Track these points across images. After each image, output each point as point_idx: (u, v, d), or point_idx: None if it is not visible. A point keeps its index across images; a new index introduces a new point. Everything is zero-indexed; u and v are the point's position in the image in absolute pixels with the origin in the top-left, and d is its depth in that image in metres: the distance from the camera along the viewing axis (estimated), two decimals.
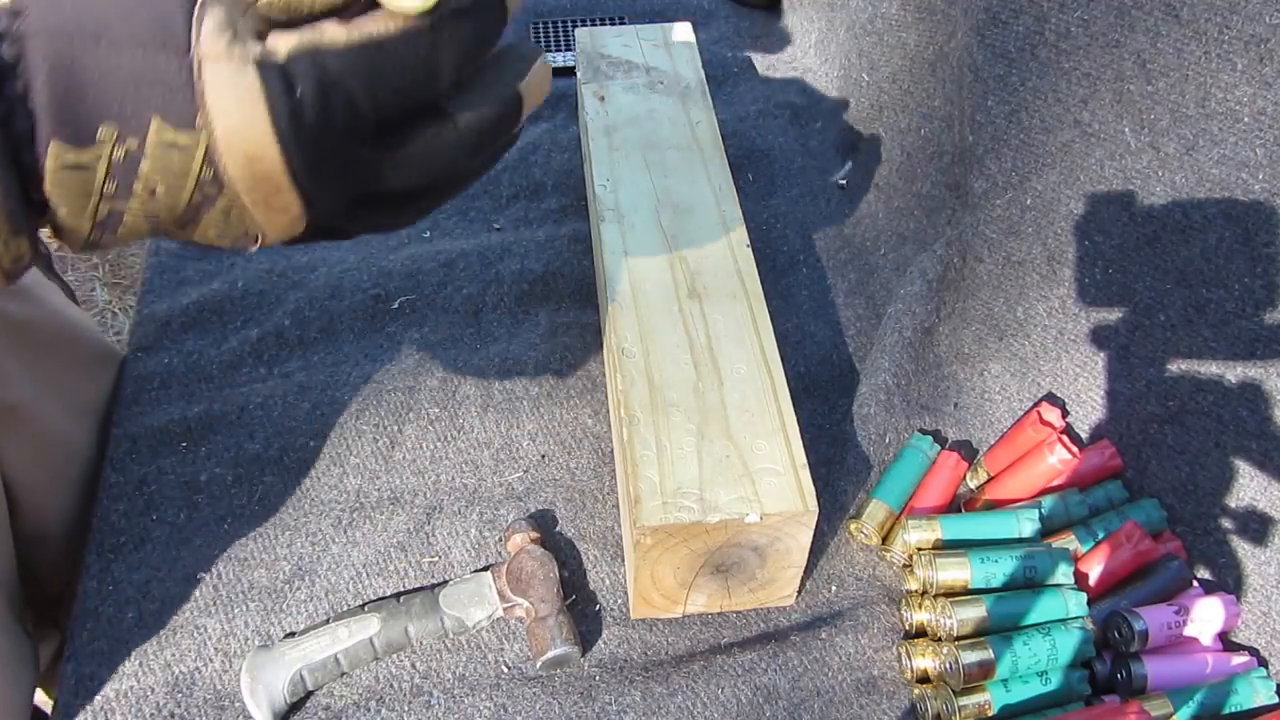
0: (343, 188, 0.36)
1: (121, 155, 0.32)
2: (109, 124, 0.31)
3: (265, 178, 0.33)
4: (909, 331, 0.75)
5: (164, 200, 0.33)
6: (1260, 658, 0.61)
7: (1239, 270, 0.61)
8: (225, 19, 0.32)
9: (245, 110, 0.32)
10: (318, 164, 0.34)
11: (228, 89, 0.32)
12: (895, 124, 0.88)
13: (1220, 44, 0.59)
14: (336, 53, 0.33)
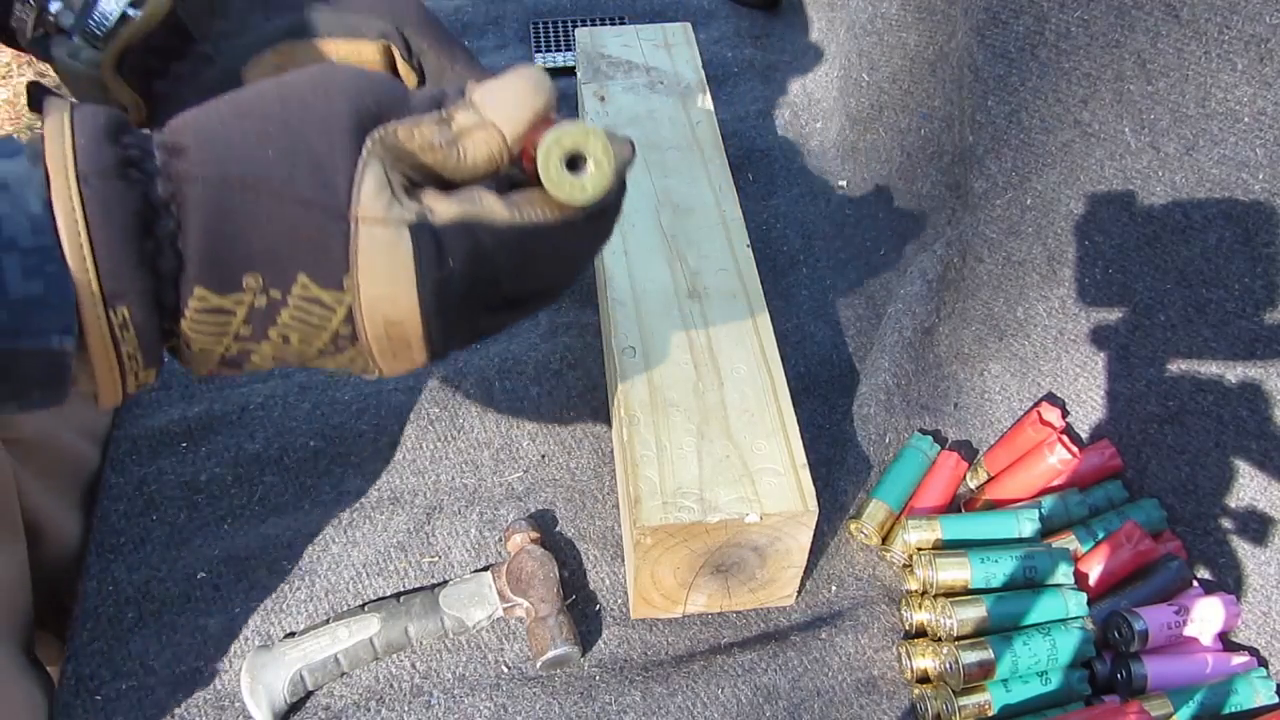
0: (468, 340, 0.37)
1: (263, 304, 0.32)
2: (256, 274, 0.31)
3: (400, 339, 0.34)
4: (909, 331, 0.75)
5: (295, 347, 0.33)
6: (1260, 658, 0.61)
7: (1239, 270, 0.61)
8: (383, 177, 0.32)
9: (395, 278, 0.32)
10: (453, 330, 0.35)
11: (381, 255, 0.32)
12: (895, 124, 0.88)
13: (1220, 44, 0.59)
14: (494, 231, 0.33)
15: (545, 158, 0.34)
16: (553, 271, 0.36)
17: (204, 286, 0.31)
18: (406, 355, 0.35)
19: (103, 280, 0.29)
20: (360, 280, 0.32)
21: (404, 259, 0.32)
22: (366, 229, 0.31)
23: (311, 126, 0.32)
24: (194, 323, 0.32)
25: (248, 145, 0.32)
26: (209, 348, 0.33)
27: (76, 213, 0.29)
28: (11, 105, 2.00)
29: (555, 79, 1.05)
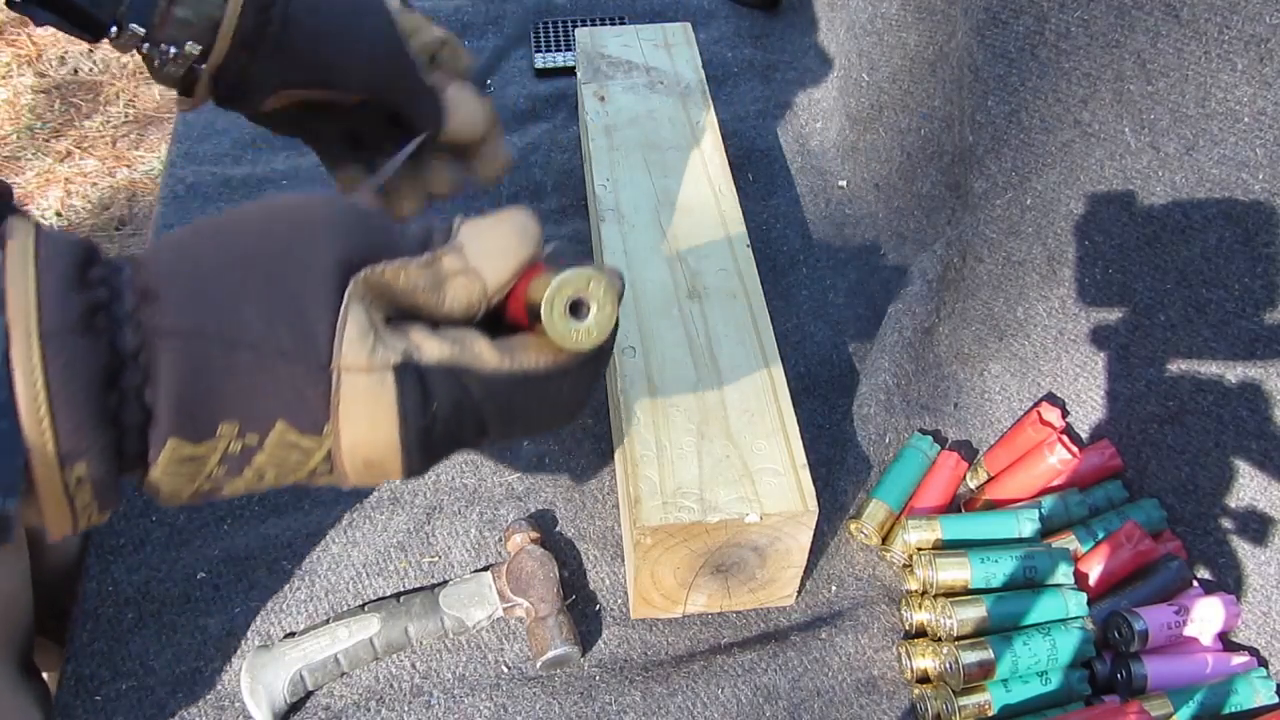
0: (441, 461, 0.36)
1: (238, 449, 0.31)
2: (232, 422, 0.30)
3: (379, 471, 0.33)
4: (909, 331, 0.75)
5: (270, 482, 0.33)
6: (1260, 658, 0.61)
7: (1239, 270, 0.61)
8: (366, 322, 0.31)
9: (377, 424, 0.31)
10: (434, 462, 0.34)
11: (363, 404, 0.31)
12: (895, 124, 0.88)
13: (1220, 44, 0.59)
14: (482, 378, 0.33)
15: (549, 307, 0.33)
16: (542, 418, 0.36)
17: (177, 438, 0.30)
18: (383, 479, 0.34)
19: (60, 440, 0.28)
20: (341, 427, 0.31)
21: (387, 406, 0.31)
22: (349, 378, 0.31)
23: (294, 272, 0.31)
24: (165, 471, 0.30)
25: (225, 295, 0.30)
26: (179, 489, 0.32)
27: (37, 372, 0.27)
28: (11, 105, 2.00)
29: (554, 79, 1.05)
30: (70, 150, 1.92)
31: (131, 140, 1.95)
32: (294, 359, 0.30)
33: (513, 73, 1.03)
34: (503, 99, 1.00)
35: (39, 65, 2.07)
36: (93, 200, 1.85)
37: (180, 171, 0.92)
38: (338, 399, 0.31)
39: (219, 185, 0.91)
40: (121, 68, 2.08)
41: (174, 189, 0.91)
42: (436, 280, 0.33)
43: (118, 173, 1.89)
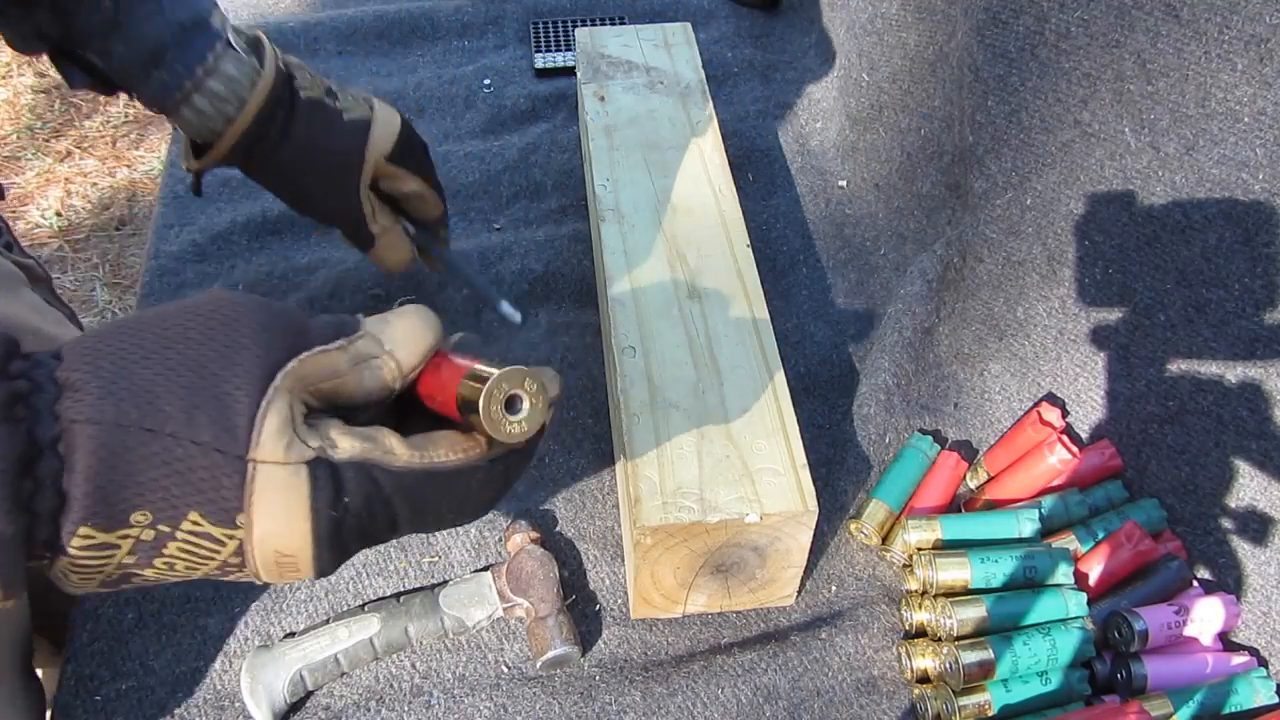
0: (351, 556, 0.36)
1: (151, 537, 0.31)
2: (145, 511, 0.31)
3: (290, 566, 0.34)
4: (909, 331, 0.75)
5: (180, 573, 0.33)
6: (1260, 658, 0.61)
7: (1239, 270, 0.61)
8: (286, 416, 0.32)
9: (290, 516, 0.32)
10: (343, 558, 0.35)
11: (277, 495, 0.32)
12: (895, 124, 0.88)
13: (1220, 44, 0.59)
14: (394, 472, 0.34)
15: (488, 399, 0.35)
16: (452, 513, 0.36)
17: (90, 526, 0.30)
18: (294, 576, 0.35)
19: None
20: (254, 518, 0.32)
21: (300, 498, 0.32)
22: (265, 470, 0.31)
23: (217, 367, 0.32)
24: (76, 559, 0.30)
25: (146, 386, 0.31)
26: (89, 577, 0.32)
27: None
28: (11, 105, 2.00)
29: (554, 79, 1.05)
30: (70, 150, 1.92)
31: (131, 140, 1.95)
32: (211, 450, 0.31)
33: (513, 73, 1.03)
34: (502, 99, 1.00)
35: (39, 65, 2.07)
36: (93, 200, 1.85)
37: (180, 172, 0.92)
38: (252, 490, 0.31)
39: (219, 185, 0.91)
40: None
41: (174, 189, 0.91)
42: (355, 360, 0.35)
43: (118, 173, 1.89)
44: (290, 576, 0.35)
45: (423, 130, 0.97)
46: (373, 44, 1.07)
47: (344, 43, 1.07)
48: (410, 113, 0.99)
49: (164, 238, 0.87)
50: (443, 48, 1.07)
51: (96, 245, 1.77)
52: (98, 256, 1.76)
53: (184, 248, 0.85)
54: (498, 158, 0.94)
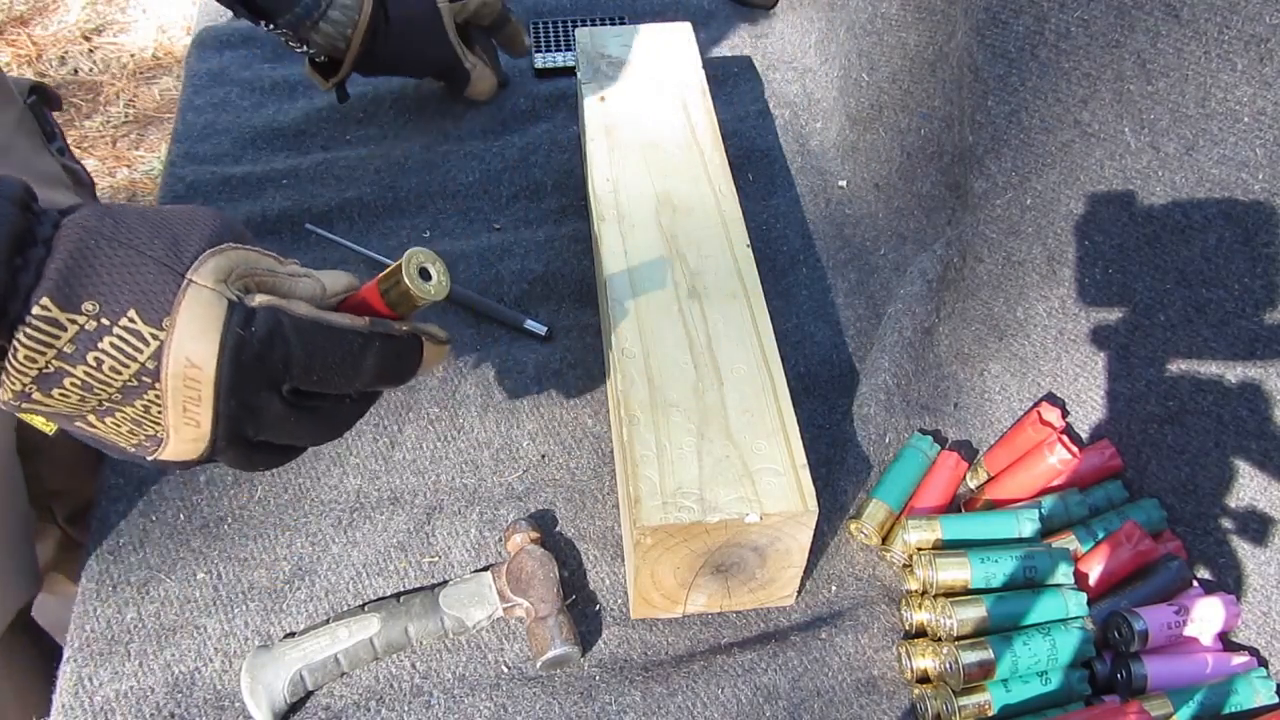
0: (248, 421, 0.42)
1: (93, 327, 0.37)
2: (94, 301, 0.37)
3: (194, 385, 0.39)
4: (909, 331, 0.75)
5: (106, 374, 0.38)
6: (1260, 658, 0.61)
7: (1239, 270, 0.61)
8: (226, 266, 0.40)
9: (204, 328, 0.39)
10: (239, 389, 0.40)
11: (199, 308, 0.39)
12: (895, 124, 0.88)
13: (1220, 44, 0.59)
14: (294, 318, 0.41)
15: (408, 265, 0.44)
16: (341, 368, 0.43)
17: (49, 298, 0.36)
18: (194, 413, 0.40)
19: None
20: (178, 321, 0.38)
21: (216, 315, 0.39)
22: (195, 288, 0.39)
23: (182, 222, 0.41)
24: (30, 328, 0.36)
25: (126, 220, 0.39)
26: (32, 358, 0.37)
27: None
28: None
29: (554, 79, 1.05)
30: None
31: (131, 140, 1.95)
32: (160, 264, 0.39)
33: (513, 73, 1.03)
34: (502, 99, 1.00)
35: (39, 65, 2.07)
36: None
37: (180, 171, 0.92)
38: (181, 300, 0.38)
39: (219, 184, 0.91)
40: (122, 68, 2.08)
41: (174, 188, 0.91)
42: (290, 272, 0.44)
43: (118, 173, 1.89)
44: (191, 416, 0.40)
45: (422, 130, 0.97)
46: None
47: None
48: (410, 112, 0.99)
49: None
50: None
51: None
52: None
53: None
54: (498, 158, 0.94)
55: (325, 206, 0.89)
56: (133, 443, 0.42)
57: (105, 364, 0.38)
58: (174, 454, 0.42)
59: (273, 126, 0.97)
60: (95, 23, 2.17)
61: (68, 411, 0.40)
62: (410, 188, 0.91)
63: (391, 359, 0.45)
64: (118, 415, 0.40)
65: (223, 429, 0.41)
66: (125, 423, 0.41)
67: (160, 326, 0.38)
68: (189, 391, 0.39)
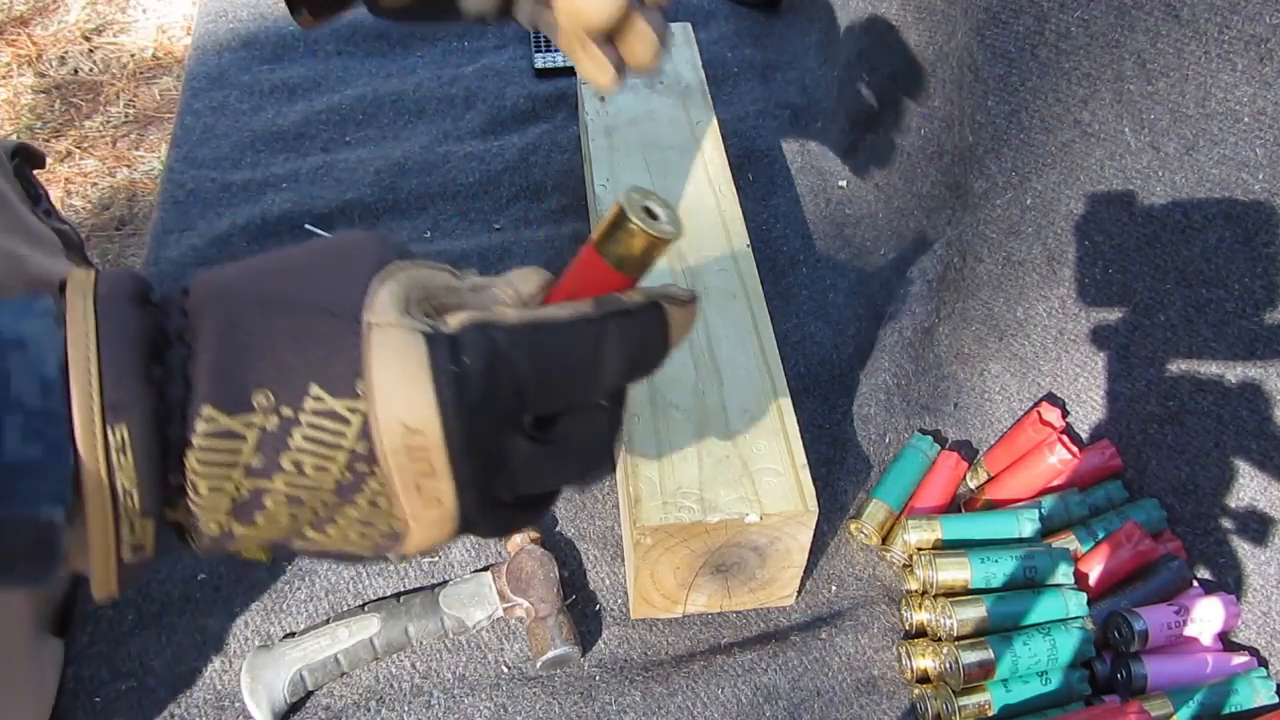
0: (497, 480, 0.33)
1: (275, 425, 0.30)
2: (266, 390, 0.30)
3: (421, 454, 0.31)
4: (909, 331, 0.75)
5: (311, 477, 0.31)
6: (1260, 658, 0.61)
7: (1239, 270, 0.61)
8: (401, 293, 0.32)
9: (409, 377, 0.30)
10: (476, 443, 0.31)
11: (394, 355, 0.30)
12: (895, 124, 0.88)
13: (1220, 44, 0.59)
14: (507, 329, 0.32)
15: (630, 205, 0.33)
16: (579, 381, 0.34)
17: (213, 405, 0.29)
18: (432, 489, 0.32)
19: (105, 391, 0.28)
20: (375, 381, 0.30)
21: (417, 355, 0.30)
22: (379, 331, 0.30)
23: (333, 256, 0.33)
24: (201, 451, 0.29)
25: (266, 274, 0.32)
26: (217, 486, 0.30)
27: (88, 326, 0.29)
28: (11, 105, 2.00)
29: (554, 79, 1.05)
30: (70, 150, 1.92)
31: (131, 140, 1.95)
32: (325, 312, 0.31)
33: (513, 73, 1.03)
34: (502, 99, 1.00)
35: (39, 65, 2.07)
36: (93, 200, 1.85)
37: (180, 176, 0.92)
38: (369, 350, 0.30)
39: (219, 190, 0.91)
40: (122, 68, 2.08)
41: (174, 194, 0.91)
42: (472, 286, 0.34)
43: (118, 173, 1.89)
44: (429, 492, 0.31)
45: (422, 131, 0.97)
46: (372, 44, 1.07)
47: (343, 43, 1.07)
48: (410, 114, 0.99)
49: (163, 243, 0.87)
50: (442, 48, 1.07)
51: (96, 245, 1.77)
52: (98, 256, 1.76)
53: (184, 252, 0.85)
54: (498, 158, 0.94)
55: (326, 208, 0.89)
56: (367, 548, 0.33)
57: (306, 466, 0.30)
58: (420, 545, 0.33)
59: (272, 130, 0.97)
60: (95, 23, 2.18)
61: (279, 537, 0.32)
62: (410, 188, 0.91)
63: (636, 340, 0.35)
64: (340, 522, 0.32)
65: (471, 498, 0.32)
66: (352, 527, 0.32)
67: (355, 394, 0.30)
68: (418, 465, 0.31)
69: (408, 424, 0.30)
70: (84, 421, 0.28)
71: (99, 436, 0.28)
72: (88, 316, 0.29)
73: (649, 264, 0.35)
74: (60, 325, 0.29)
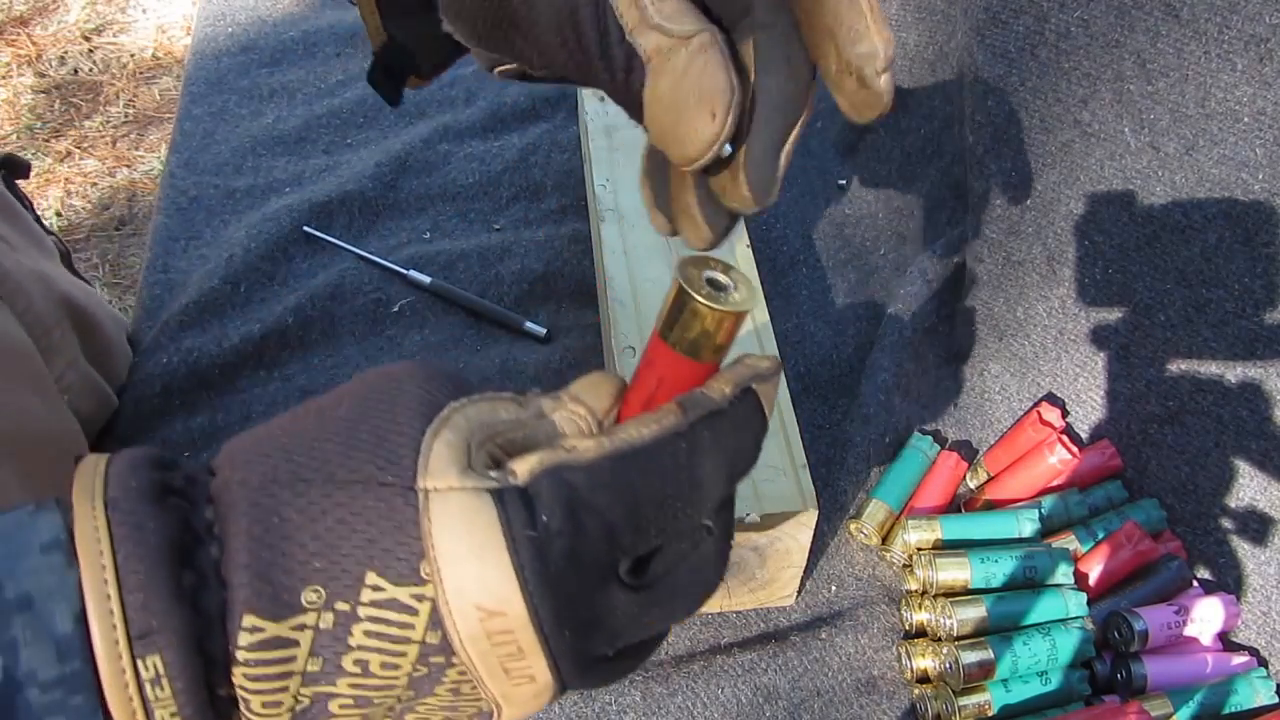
0: (594, 641, 0.28)
1: (330, 622, 0.26)
2: (315, 587, 0.26)
3: (504, 637, 0.26)
4: (909, 331, 0.75)
5: (379, 676, 0.26)
6: (1260, 658, 0.61)
7: (1239, 270, 0.61)
8: (461, 444, 0.27)
9: (481, 550, 0.26)
10: (568, 611, 0.27)
11: (460, 525, 0.26)
12: (895, 124, 0.88)
13: (1220, 44, 0.59)
14: (586, 468, 0.27)
15: (687, 281, 0.29)
16: (677, 509, 0.29)
17: (255, 614, 0.25)
18: (522, 669, 0.27)
19: (129, 618, 0.24)
20: (440, 563, 0.26)
21: (488, 524, 0.26)
22: (439, 499, 0.26)
23: (376, 405, 0.28)
24: (250, 667, 0.25)
25: (300, 440, 0.28)
26: (274, 701, 0.26)
27: (102, 545, 0.24)
28: (11, 105, 2.00)
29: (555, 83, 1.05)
30: (70, 150, 1.92)
31: (131, 140, 1.95)
32: (373, 484, 0.26)
33: None
34: (502, 99, 1.00)
35: (39, 65, 2.07)
36: (93, 200, 1.85)
37: (182, 183, 0.92)
38: (429, 524, 0.26)
39: (223, 196, 0.91)
40: (122, 68, 2.08)
41: (177, 200, 0.91)
42: (536, 412, 0.30)
43: (118, 173, 1.89)
44: (519, 674, 0.27)
45: (423, 131, 0.97)
46: None
47: (343, 44, 1.07)
48: (410, 114, 0.99)
49: (171, 250, 0.87)
50: None
51: (96, 245, 1.78)
52: (98, 256, 1.76)
53: (193, 261, 0.85)
54: (498, 158, 0.94)
55: (327, 210, 0.89)
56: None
57: (373, 665, 0.26)
58: (517, 717, 0.29)
59: (273, 134, 0.97)
60: (95, 23, 2.18)
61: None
62: (410, 189, 0.91)
63: (730, 443, 0.31)
64: (420, 710, 0.28)
65: (568, 669, 0.28)
66: (435, 714, 0.29)
67: (419, 578, 0.26)
68: (503, 649, 0.27)
69: (484, 606, 0.26)
70: (111, 672, 0.24)
71: (130, 677, 0.24)
72: (101, 537, 0.25)
73: (727, 344, 0.30)
74: (71, 563, 0.25)
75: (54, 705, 0.24)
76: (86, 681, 0.24)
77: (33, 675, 0.24)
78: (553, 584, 0.26)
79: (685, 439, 0.28)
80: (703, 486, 0.29)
